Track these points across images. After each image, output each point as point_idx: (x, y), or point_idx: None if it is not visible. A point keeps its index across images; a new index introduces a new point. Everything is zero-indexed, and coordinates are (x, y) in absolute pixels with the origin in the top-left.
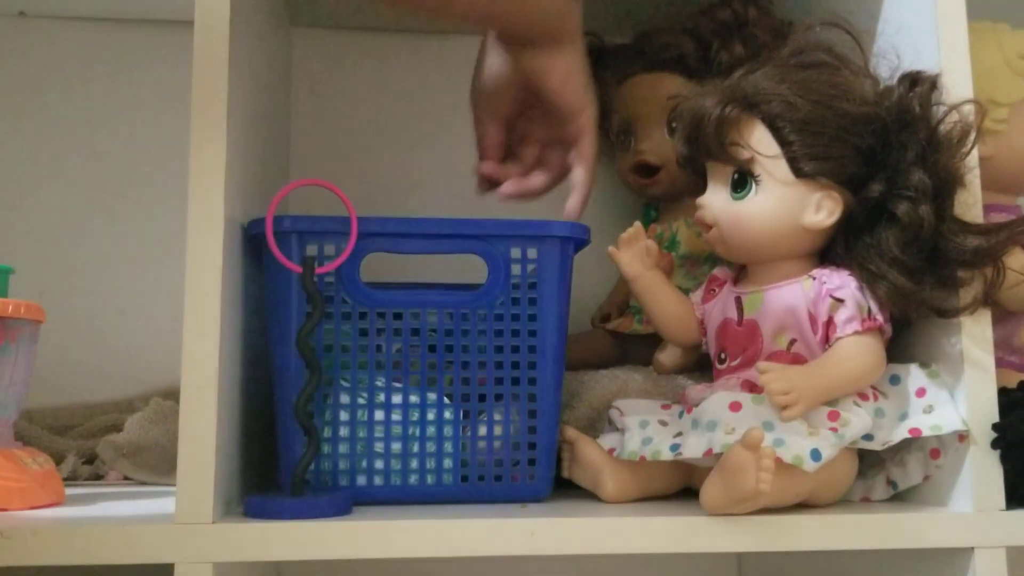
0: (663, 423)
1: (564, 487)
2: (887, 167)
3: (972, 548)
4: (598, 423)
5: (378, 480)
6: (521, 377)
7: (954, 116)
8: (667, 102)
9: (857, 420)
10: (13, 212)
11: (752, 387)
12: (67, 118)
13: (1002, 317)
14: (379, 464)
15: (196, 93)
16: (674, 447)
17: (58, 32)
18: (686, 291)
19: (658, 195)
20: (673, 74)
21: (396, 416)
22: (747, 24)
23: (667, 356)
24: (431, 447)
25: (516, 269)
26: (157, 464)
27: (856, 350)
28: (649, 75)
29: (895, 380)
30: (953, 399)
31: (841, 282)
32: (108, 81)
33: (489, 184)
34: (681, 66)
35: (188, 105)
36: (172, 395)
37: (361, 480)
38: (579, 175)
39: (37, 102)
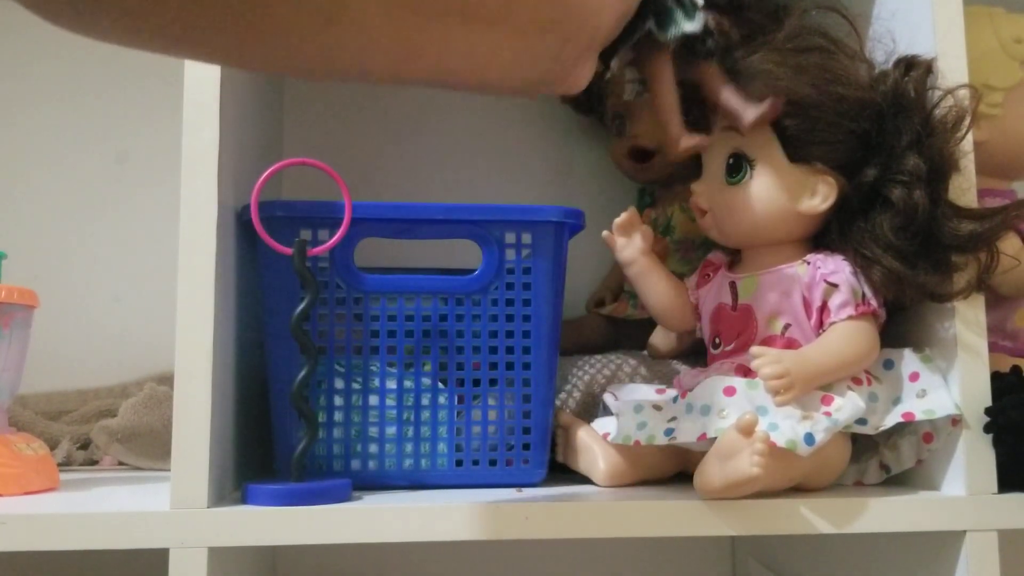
0: (657, 408)
1: (559, 472)
2: (882, 152)
3: (964, 532)
4: (592, 408)
5: (372, 465)
6: (515, 362)
7: (949, 101)
8: None
9: (850, 404)
10: (6, 198)
11: (746, 372)
12: (59, 102)
13: (996, 302)
14: (374, 449)
15: (188, 76)
16: (668, 432)
17: None
18: (680, 276)
19: (653, 180)
20: None
21: (391, 401)
22: (743, 8)
23: (661, 341)
24: (426, 432)
25: (510, 254)
26: (151, 449)
27: (850, 335)
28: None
29: (889, 365)
30: (946, 384)
31: (835, 267)
32: (100, 64)
33: None
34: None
35: (181, 89)
36: (166, 380)
37: (356, 465)
38: None
39: (28, 87)
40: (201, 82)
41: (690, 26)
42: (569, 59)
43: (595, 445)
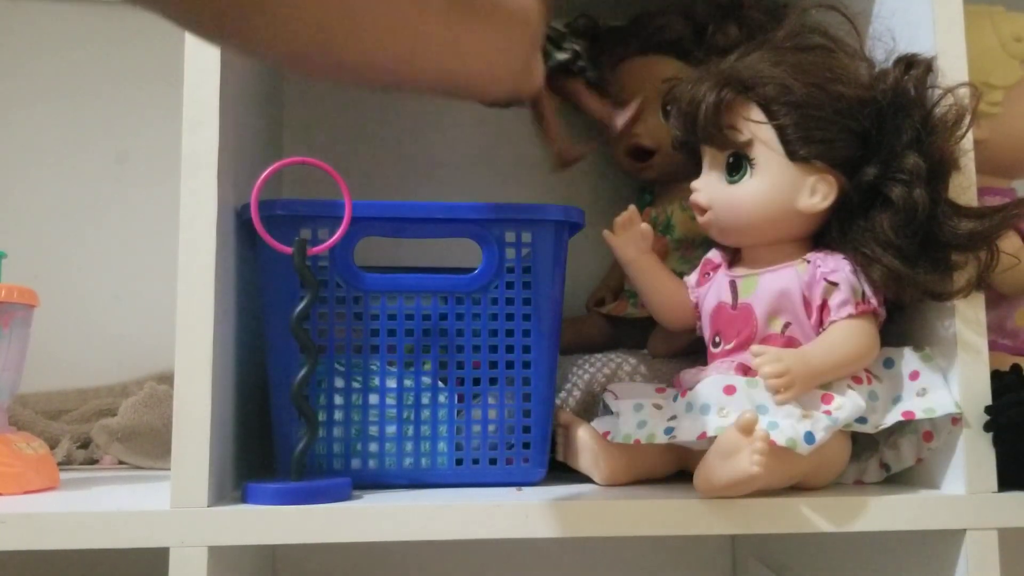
0: (657, 406)
1: (559, 471)
2: (882, 150)
3: (964, 530)
4: (592, 407)
5: (373, 464)
6: (515, 361)
7: (949, 99)
8: (662, 85)
9: (851, 403)
10: (6, 197)
11: (746, 370)
12: (59, 102)
13: (995, 300)
14: (374, 448)
15: (188, 76)
16: (668, 430)
17: (48, 14)
18: (680, 275)
19: (653, 179)
20: (668, 57)
21: (391, 400)
22: (742, 6)
23: (661, 340)
24: (426, 431)
25: (510, 253)
26: (151, 448)
27: (850, 333)
28: (644, 58)
29: (889, 363)
30: (946, 382)
31: (835, 265)
32: (99, 64)
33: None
34: (676, 49)
35: (181, 89)
36: (166, 379)
37: (356, 464)
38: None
39: (28, 87)
40: (201, 82)
41: (562, 55)
42: (533, 54)
43: (595, 444)
